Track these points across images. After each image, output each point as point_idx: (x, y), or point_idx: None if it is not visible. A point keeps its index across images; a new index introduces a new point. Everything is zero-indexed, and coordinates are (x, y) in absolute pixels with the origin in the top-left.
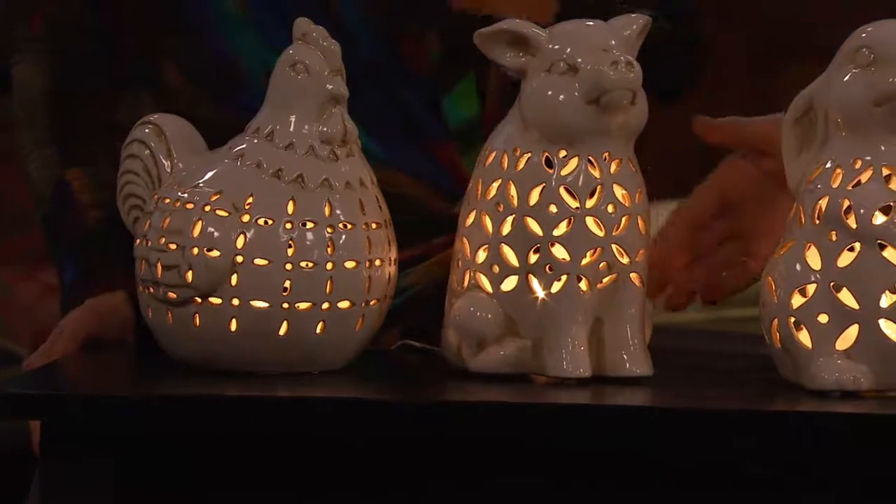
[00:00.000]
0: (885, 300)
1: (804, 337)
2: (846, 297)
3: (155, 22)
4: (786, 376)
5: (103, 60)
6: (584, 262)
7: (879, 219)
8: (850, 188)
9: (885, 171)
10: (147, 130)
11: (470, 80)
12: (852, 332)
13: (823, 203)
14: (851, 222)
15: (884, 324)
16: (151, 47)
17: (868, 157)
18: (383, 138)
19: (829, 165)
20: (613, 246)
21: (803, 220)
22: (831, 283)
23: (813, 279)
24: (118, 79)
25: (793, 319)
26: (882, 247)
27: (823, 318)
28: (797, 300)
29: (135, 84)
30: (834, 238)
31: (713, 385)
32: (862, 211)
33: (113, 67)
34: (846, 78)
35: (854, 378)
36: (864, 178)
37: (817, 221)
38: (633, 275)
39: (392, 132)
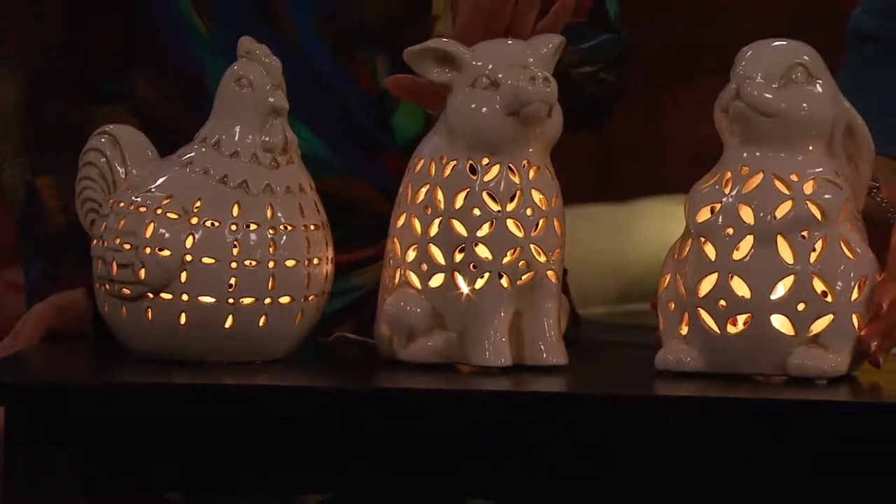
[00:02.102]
0: (703, 290)
1: (661, 322)
2: (680, 286)
3: (126, 41)
4: None
5: (75, 77)
6: (505, 260)
7: (704, 216)
8: (699, 188)
9: (727, 174)
10: (103, 140)
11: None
12: (685, 318)
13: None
14: (688, 218)
15: (703, 312)
16: (123, 64)
17: (721, 163)
18: (340, 149)
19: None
20: (532, 246)
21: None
22: (677, 274)
23: (667, 270)
24: (89, 93)
25: (658, 307)
26: (704, 241)
27: (672, 306)
28: (661, 289)
29: (105, 98)
30: (685, 233)
31: (618, 372)
32: (691, 208)
33: (84, 83)
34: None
35: (678, 360)
36: (712, 180)
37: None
38: (549, 272)
39: (347, 144)
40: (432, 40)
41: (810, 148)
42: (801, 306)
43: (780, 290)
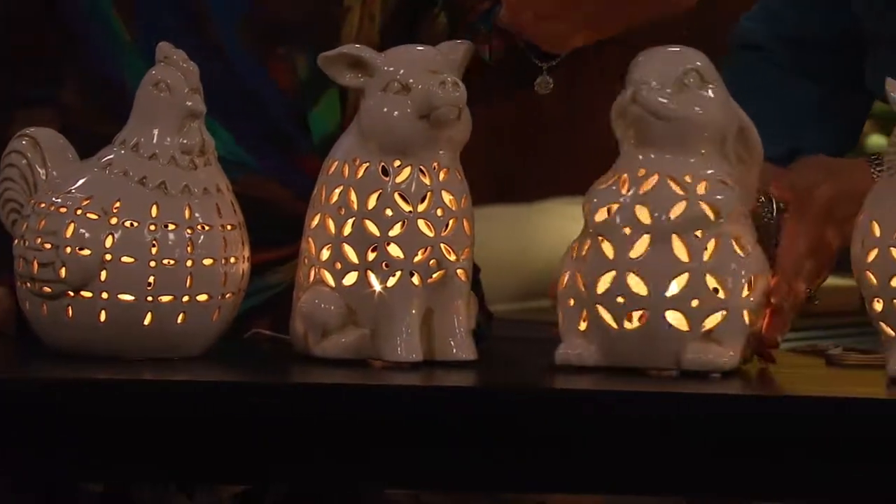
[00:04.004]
0: (601, 287)
1: (560, 318)
2: (580, 283)
3: (50, 48)
4: None
5: (4, 84)
6: (416, 259)
7: (602, 216)
8: (597, 189)
9: (624, 176)
10: (24, 142)
11: (333, 97)
12: (584, 314)
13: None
14: (587, 217)
15: (601, 309)
16: (46, 71)
17: (618, 165)
18: (257, 151)
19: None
20: (442, 245)
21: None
22: (576, 272)
23: (566, 268)
24: (18, 99)
25: (558, 303)
26: (602, 240)
27: (571, 302)
28: (561, 286)
29: (27, 103)
30: (584, 232)
31: (522, 367)
32: (590, 208)
33: (13, 90)
34: None
35: (577, 355)
36: (610, 181)
37: None
38: (459, 271)
39: (264, 146)
40: (345, 46)
41: (703, 151)
42: (694, 303)
43: (675, 287)
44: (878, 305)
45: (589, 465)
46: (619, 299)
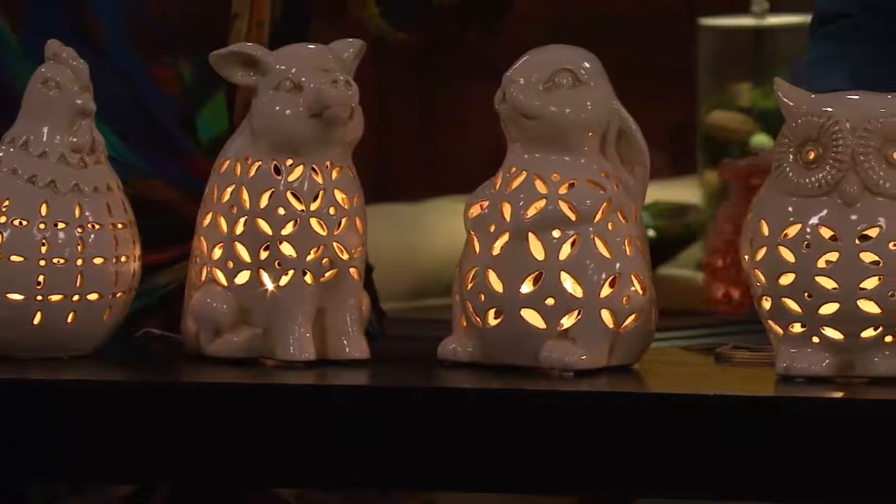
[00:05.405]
0: (468, 283)
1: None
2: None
3: None
4: None
5: None
6: (309, 258)
7: (475, 212)
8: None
9: (500, 173)
10: None
11: (220, 101)
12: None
13: None
14: (464, 213)
15: (469, 305)
16: None
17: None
18: (145, 153)
19: None
20: (335, 244)
21: None
22: (458, 267)
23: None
24: None
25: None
26: (473, 236)
27: (457, 298)
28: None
29: None
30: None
31: (413, 365)
32: (467, 204)
33: None
34: None
35: (453, 350)
36: (492, 179)
37: None
38: (352, 269)
39: (152, 147)
40: (237, 44)
41: (583, 150)
42: (549, 301)
43: (529, 285)
44: (767, 304)
45: (478, 462)
46: (481, 296)
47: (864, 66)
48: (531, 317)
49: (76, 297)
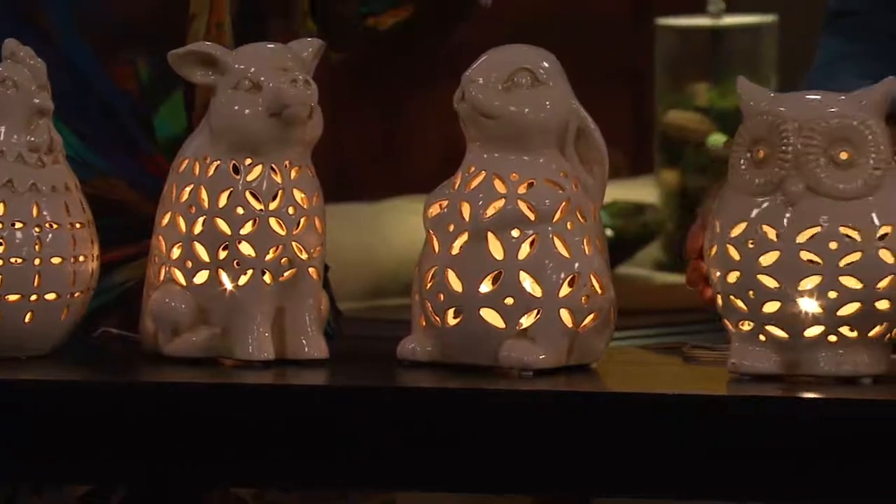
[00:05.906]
0: (427, 282)
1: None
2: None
3: None
4: None
5: None
6: (268, 258)
7: (434, 211)
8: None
9: (459, 173)
10: None
11: (178, 100)
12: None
13: None
14: (423, 213)
15: (428, 304)
16: None
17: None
18: (102, 151)
19: None
20: (293, 244)
21: None
22: (417, 266)
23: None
24: None
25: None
26: (432, 236)
27: (417, 297)
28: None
29: None
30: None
31: (371, 365)
32: (426, 203)
33: None
34: None
35: (412, 350)
36: (452, 179)
37: None
38: (311, 269)
39: (110, 146)
40: (195, 43)
41: (542, 149)
42: (508, 301)
43: (488, 284)
44: (720, 301)
45: (437, 462)
46: (441, 295)
47: (876, 63)
48: (490, 316)
49: (34, 297)
